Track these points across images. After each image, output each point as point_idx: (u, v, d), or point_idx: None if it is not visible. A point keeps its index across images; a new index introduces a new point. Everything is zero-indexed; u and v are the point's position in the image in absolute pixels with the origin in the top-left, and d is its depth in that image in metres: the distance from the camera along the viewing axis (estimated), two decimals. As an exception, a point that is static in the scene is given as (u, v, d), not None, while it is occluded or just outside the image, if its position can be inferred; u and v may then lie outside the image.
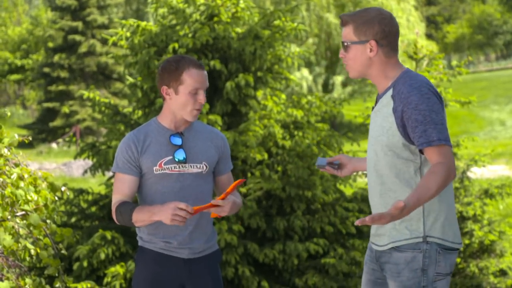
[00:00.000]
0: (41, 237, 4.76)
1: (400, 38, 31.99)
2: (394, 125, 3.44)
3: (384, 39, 3.51)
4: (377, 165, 3.55)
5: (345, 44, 3.56)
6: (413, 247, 3.46)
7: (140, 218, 3.70)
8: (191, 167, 3.83)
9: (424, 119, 3.36)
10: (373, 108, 3.65)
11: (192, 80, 3.78)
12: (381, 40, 3.50)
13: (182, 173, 3.81)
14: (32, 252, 4.73)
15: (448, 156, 3.36)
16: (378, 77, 3.57)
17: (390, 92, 3.51)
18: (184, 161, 3.81)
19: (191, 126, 3.91)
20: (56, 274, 4.81)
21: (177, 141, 3.83)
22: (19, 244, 4.68)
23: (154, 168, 3.80)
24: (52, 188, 4.86)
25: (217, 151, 3.94)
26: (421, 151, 3.44)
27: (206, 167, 3.87)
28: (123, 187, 3.82)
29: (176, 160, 3.80)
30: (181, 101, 3.79)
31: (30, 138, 4.97)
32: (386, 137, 3.48)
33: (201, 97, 3.81)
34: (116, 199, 3.81)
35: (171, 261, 3.87)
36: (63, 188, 4.92)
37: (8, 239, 4.47)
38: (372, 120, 3.61)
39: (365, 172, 4.03)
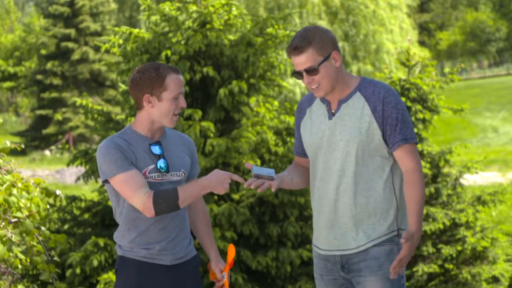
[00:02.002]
0: (34, 243, 4.73)
1: (393, 45, 31.84)
2: (374, 124, 3.57)
3: (337, 45, 3.64)
4: (350, 167, 3.61)
5: (314, 68, 3.57)
6: (390, 241, 3.62)
7: (190, 194, 3.63)
8: (171, 175, 3.78)
9: (402, 117, 3.57)
10: (333, 114, 3.64)
11: (175, 85, 3.74)
12: (337, 47, 3.63)
13: (161, 182, 3.75)
14: (23, 261, 4.70)
15: (416, 155, 3.59)
16: (342, 85, 3.64)
17: (358, 95, 3.61)
18: (167, 170, 3.77)
19: (165, 134, 3.86)
20: (50, 280, 4.79)
21: (157, 150, 3.77)
22: (12, 252, 4.67)
23: None
24: (47, 193, 4.82)
25: (190, 156, 3.91)
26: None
27: (184, 174, 3.83)
28: (139, 180, 3.65)
29: (159, 169, 3.75)
30: (164, 107, 3.73)
31: (23, 146, 4.96)
32: (366, 136, 3.58)
33: (182, 101, 3.78)
34: (142, 192, 3.61)
35: (154, 269, 3.77)
36: (58, 192, 4.87)
37: (0, 248, 4.45)
38: (337, 124, 3.63)
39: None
